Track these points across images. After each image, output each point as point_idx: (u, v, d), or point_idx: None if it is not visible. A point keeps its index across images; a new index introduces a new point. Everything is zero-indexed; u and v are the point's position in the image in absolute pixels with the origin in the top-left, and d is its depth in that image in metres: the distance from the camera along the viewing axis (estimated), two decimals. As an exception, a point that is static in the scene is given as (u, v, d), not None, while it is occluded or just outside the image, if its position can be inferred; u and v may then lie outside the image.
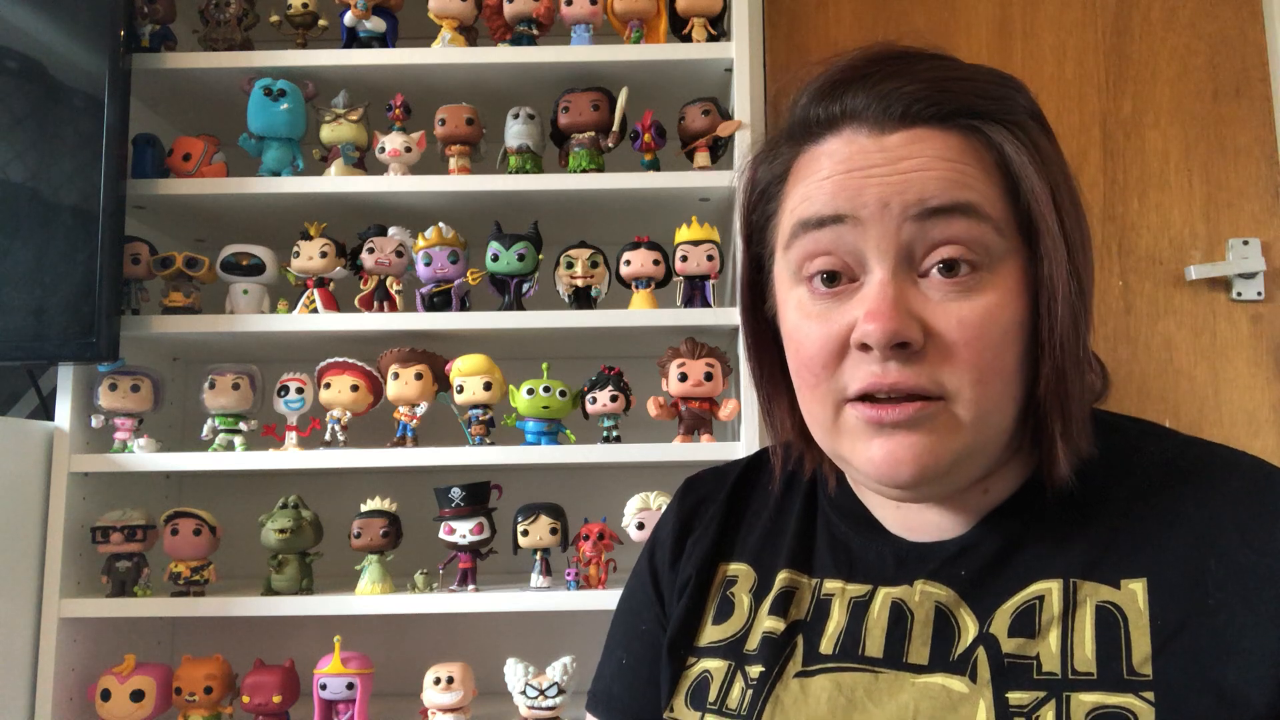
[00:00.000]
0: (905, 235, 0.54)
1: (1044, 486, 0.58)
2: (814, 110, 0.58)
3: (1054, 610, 0.55)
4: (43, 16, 1.34)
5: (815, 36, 1.77)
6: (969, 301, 0.53)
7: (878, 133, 0.55)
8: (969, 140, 0.55)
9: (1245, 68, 1.71)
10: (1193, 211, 1.69)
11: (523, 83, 1.48)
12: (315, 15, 1.48)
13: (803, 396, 0.60)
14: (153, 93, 1.49)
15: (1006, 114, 0.56)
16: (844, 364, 0.56)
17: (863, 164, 0.55)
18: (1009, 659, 0.54)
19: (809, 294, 0.57)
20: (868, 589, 0.61)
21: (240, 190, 1.40)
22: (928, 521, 0.61)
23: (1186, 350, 1.67)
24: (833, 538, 0.65)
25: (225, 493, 1.60)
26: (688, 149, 1.42)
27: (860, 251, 0.55)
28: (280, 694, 1.30)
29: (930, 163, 0.54)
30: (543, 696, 1.26)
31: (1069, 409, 0.55)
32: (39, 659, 1.30)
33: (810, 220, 0.56)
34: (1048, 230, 0.54)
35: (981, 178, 0.54)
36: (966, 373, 0.53)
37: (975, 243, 0.53)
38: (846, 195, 0.55)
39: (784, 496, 0.70)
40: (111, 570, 1.34)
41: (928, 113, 0.55)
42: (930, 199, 0.53)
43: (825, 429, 0.58)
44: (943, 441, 0.54)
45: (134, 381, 1.38)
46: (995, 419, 0.55)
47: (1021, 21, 1.76)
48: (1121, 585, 0.54)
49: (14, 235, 1.30)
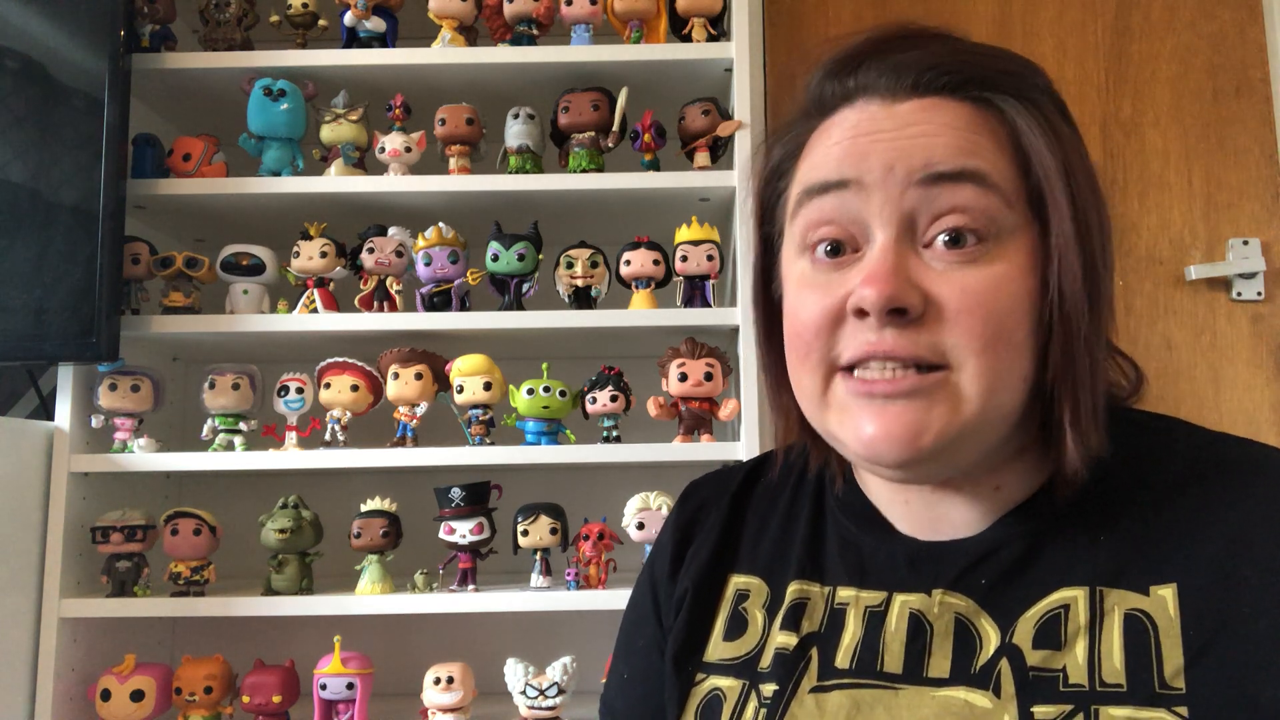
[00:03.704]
0: (909, 201, 0.52)
1: (1063, 486, 0.55)
2: (828, 86, 0.58)
3: (1080, 620, 0.52)
4: (43, 16, 1.34)
5: (815, 36, 1.77)
6: (974, 271, 0.51)
7: (890, 101, 0.54)
8: (981, 112, 0.54)
9: (1245, 68, 1.71)
10: (1193, 211, 1.69)
11: (523, 83, 1.48)
12: (315, 15, 1.48)
13: (793, 371, 0.58)
14: (153, 93, 1.49)
15: (1021, 89, 0.55)
16: (839, 332, 0.54)
17: (870, 129, 0.54)
18: (1034, 671, 0.52)
19: (811, 265, 0.56)
20: (882, 597, 0.59)
21: (240, 190, 1.40)
22: (939, 517, 0.59)
23: (1186, 350, 1.67)
24: (843, 541, 0.63)
25: (225, 493, 1.60)
26: (688, 149, 1.42)
27: (863, 219, 0.53)
28: (280, 694, 1.30)
29: (939, 129, 0.53)
30: (543, 696, 1.26)
31: (1078, 396, 0.52)
32: (39, 659, 1.30)
33: (815, 186, 0.55)
34: (1056, 204, 0.52)
35: (992, 149, 0.53)
36: (969, 341, 0.51)
37: (982, 213, 0.51)
38: (852, 160, 0.54)
39: (792, 502, 0.67)
40: (111, 570, 1.34)
41: (939, 82, 0.54)
42: (937, 164, 0.52)
43: (814, 402, 0.56)
44: (941, 415, 0.51)
45: (134, 381, 1.38)
46: (1002, 396, 0.52)
47: (1021, 22, 1.76)
48: (1151, 592, 0.51)
49: (14, 235, 1.30)
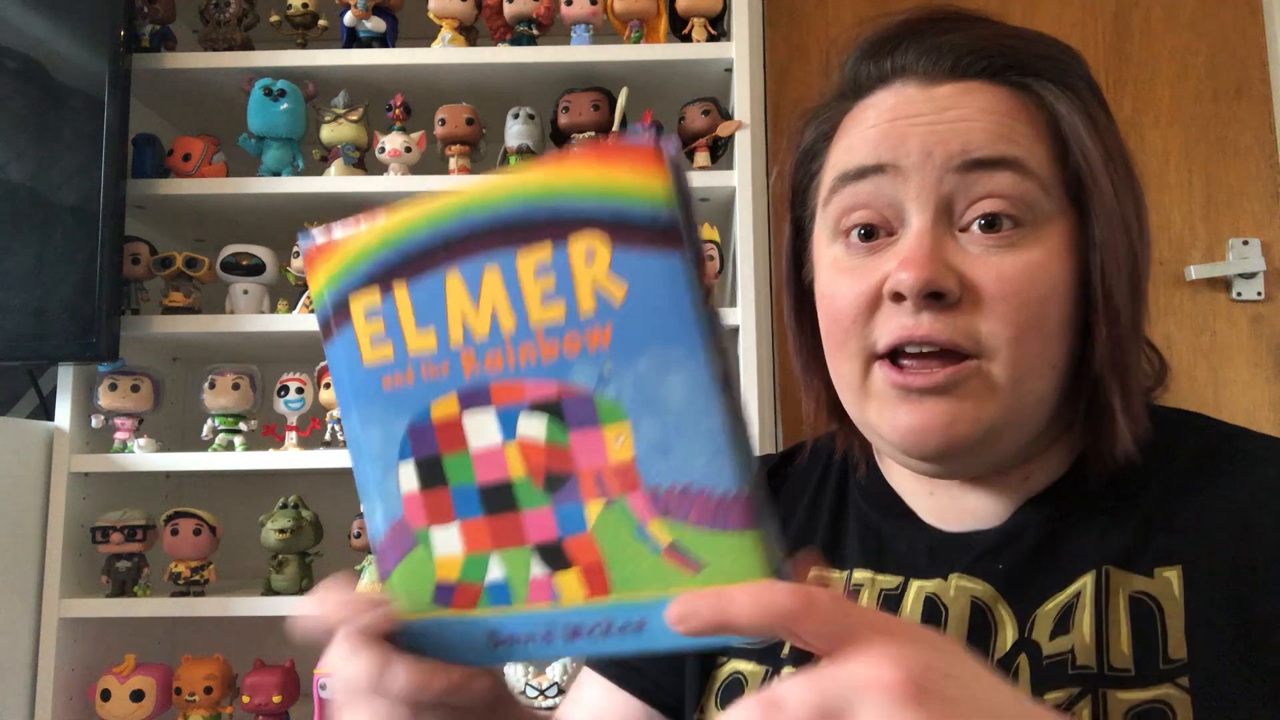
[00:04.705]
0: (946, 187, 0.52)
1: (1086, 474, 0.55)
2: (863, 67, 0.57)
3: (1087, 600, 0.52)
4: (43, 16, 1.34)
5: (815, 36, 1.77)
6: (1011, 256, 0.51)
7: (927, 84, 0.54)
8: (1020, 98, 0.53)
9: (1245, 68, 1.71)
10: (1193, 211, 1.69)
11: (523, 83, 1.48)
12: (315, 15, 1.48)
13: (831, 358, 0.57)
14: (153, 93, 1.49)
15: (1061, 76, 0.54)
16: (875, 317, 0.53)
17: (908, 113, 0.53)
18: (1047, 659, 0.51)
19: (845, 249, 0.55)
20: (899, 581, 0.58)
21: (240, 190, 1.40)
22: (963, 509, 0.58)
23: (1186, 350, 1.67)
24: (864, 527, 0.62)
25: (225, 493, 1.60)
26: (688, 149, 1.42)
27: (899, 203, 0.53)
28: (280, 694, 1.30)
29: (977, 114, 0.52)
30: (543, 697, 1.26)
31: (1128, 382, 0.52)
32: (39, 659, 1.30)
33: (851, 171, 0.54)
34: (1099, 191, 0.52)
35: (1030, 135, 0.52)
36: (1004, 328, 0.50)
37: (1019, 199, 0.51)
38: (889, 144, 0.53)
39: (818, 490, 0.67)
40: (111, 570, 1.34)
41: (978, 66, 0.53)
42: (974, 150, 0.51)
43: (854, 391, 0.55)
44: (975, 408, 0.51)
45: (134, 381, 1.38)
46: (1033, 384, 0.52)
47: (1021, 21, 1.74)
48: (1155, 574, 0.51)
49: (14, 235, 1.30)
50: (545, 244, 0.37)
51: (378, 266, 0.40)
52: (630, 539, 0.37)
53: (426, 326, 0.39)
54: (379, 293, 0.40)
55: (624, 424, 0.37)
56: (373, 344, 0.40)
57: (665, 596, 0.35)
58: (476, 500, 0.39)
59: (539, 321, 0.37)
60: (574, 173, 0.36)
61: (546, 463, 0.38)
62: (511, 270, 0.38)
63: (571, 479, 0.38)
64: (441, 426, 0.39)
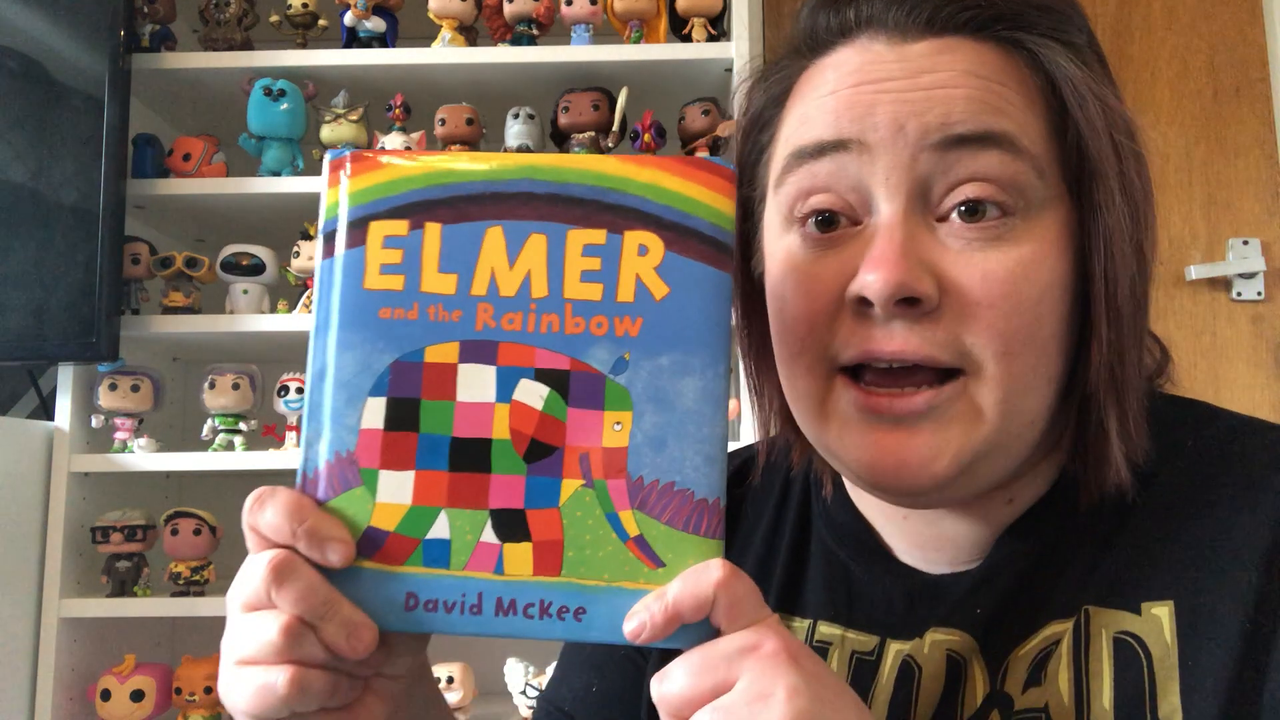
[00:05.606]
0: (922, 167, 0.43)
1: (1070, 493, 0.47)
2: (821, 17, 0.47)
3: (1064, 646, 0.44)
4: (43, 17, 1.34)
5: (815, 36, 1.77)
6: (997, 252, 0.42)
7: (898, 40, 0.44)
8: (1010, 57, 0.44)
9: (1245, 68, 1.71)
10: (1193, 211, 1.69)
11: (523, 83, 1.48)
12: (315, 15, 1.48)
13: (784, 369, 0.48)
14: (153, 93, 1.49)
15: (1060, 31, 0.45)
16: (837, 326, 0.44)
17: (876, 76, 0.44)
18: (1018, 717, 0.45)
19: (800, 241, 0.46)
20: (873, 642, 0.50)
21: (240, 190, 1.40)
22: (940, 536, 0.50)
23: (1186, 350, 1.67)
24: (829, 566, 0.53)
25: (225, 493, 1.60)
26: (688, 149, 1.42)
27: (865, 186, 0.44)
28: (280, 694, 1.30)
29: (959, 78, 0.43)
30: (543, 696, 1.26)
31: (1126, 399, 0.44)
32: (39, 659, 1.30)
33: (807, 148, 0.45)
34: (1105, 173, 0.43)
35: (1021, 104, 0.43)
36: (991, 340, 0.42)
37: (1008, 182, 0.42)
38: (853, 115, 0.44)
39: (778, 514, 0.58)
40: (111, 570, 1.34)
41: (961, 18, 0.44)
42: (955, 124, 0.42)
43: (811, 411, 0.46)
44: (960, 437, 0.43)
45: (134, 381, 1.38)
46: (1026, 404, 0.43)
47: (1021, 21, 1.76)
48: (1143, 610, 0.43)
49: (14, 235, 1.30)
50: (600, 230, 0.39)
51: (414, 200, 0.40)
52: (599, 523, 0.38)
53: (449, 271, 0.39)
54: (407, 226, 0.40)
55: (627, 412, 0.38)
56: (381, 271, 0.40)
57: (614, 587, 0.37)
58: (445, 452, 0.38)
59: (573, 296, 0.39)
60: (649, 173, 0.39)
61: (535, 431, 0.38)
62: (559, 242, 0.39)
63: (556, 453, 0.38)
64: (432, 370, 0.39)
